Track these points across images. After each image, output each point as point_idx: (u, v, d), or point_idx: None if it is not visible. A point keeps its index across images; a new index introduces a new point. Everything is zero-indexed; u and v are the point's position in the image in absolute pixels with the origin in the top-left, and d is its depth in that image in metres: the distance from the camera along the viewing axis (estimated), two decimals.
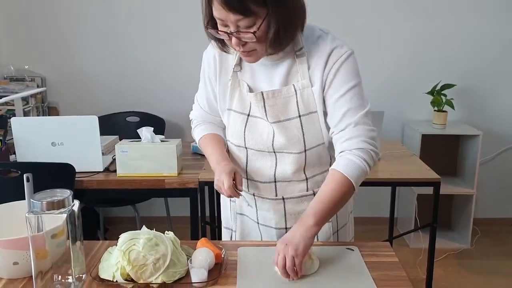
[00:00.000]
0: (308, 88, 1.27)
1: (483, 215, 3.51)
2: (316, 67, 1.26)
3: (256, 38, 1.14)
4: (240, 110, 1.35)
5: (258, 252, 1.30)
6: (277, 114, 1.30)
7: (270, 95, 1.29)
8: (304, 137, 1.31)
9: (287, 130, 1.30)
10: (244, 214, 1.49)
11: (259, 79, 1.33)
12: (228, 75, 1.35)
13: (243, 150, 1.39)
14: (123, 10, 3.28)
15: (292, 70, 1.29)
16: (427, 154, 3.11)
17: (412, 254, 3.14)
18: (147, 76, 3.37)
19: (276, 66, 1.30)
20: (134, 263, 1.11)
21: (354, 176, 1.22)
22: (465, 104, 3.38)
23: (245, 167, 1.41)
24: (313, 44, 1.27)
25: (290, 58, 1.28)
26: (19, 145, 2.21)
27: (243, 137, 1.36)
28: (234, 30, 1.15)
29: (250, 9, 1.10)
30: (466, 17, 3.27)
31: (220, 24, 1.16)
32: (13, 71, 3.28)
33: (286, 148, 1.32)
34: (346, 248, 1.32)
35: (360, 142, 1.24)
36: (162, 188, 2.20)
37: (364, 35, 3.30)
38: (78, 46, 3.35)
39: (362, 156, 1.23)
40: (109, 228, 3.46)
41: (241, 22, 1.12)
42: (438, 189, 2.31)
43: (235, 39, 1.16)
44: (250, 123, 1.34)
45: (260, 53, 1.21)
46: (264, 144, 1.34)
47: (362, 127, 1.25)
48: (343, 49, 1.26)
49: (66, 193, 1.09)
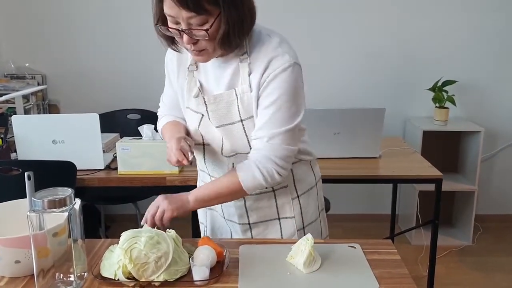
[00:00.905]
0: (248, 93, 1.27)
1: (484, 212, 3.50)
2: (256, 73, 1.25)
3: (208, 36, 1.14)
4: (195, 109, 1.35)
5: (259, 250, 1.30)
6: (219, 119, 1.31)
7: (211, 100, 1.30)
8: (248, 140, 1.32)
9: (231, 133, 1.32)
10: (212, 209, 1.53)
11: (210, 80, 1.33)
12: (185, 74, 1.36)
13: (200, 148, 1.41)
14: (124, 7, 3.27)
15: (236, 75, 1.29)
16: (429, 150, 3.11)
17: (413, 251, 3.14)
18: (148, 74, 3.36)
19: (224, 68, 1.30)
20: (135, 261, 1.11)
21: (250, 187, 1.28)
22: (467, 100, 3.37)
23: (205, 163, 1.44)
24: (256, 49, 1.26)
25: (235, 63, 1.28)
26: (20, 143, 2.21)
27: (200, 135, 1.38)
28: (185, 28, 1.14)
29: (203, 7, 1.10)
30: (467, 13, 3.26)
31: (170, 21, 1.16)
32: (13, 68, 3.27)
33: (235, 150, 1.34)
34: (348, 246, 1.32)
35: (266, 159, 1.26)
36: (163, 186, 2.20)
37: (365, 32, 3.29)
38: (78, 44, 3.34)
39: (263, 173, 1.26)
40: (110, 226, 3.46)
41: (193, 19, 1.12)
42: (440, 186, 2.30)
43: (187, 37, 1.16)
44: (203, 123, 1.35)
45: (210, 52, 1.21)
46: (217, 145, 1.36)
47: (276, 144, 1.25)
48: (283, 58, 1.22)
49: (67, 191, 1.08)
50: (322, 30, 3.28)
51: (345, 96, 3.30)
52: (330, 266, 1.21)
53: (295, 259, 1.21)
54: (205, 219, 1.58)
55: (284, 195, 1.43)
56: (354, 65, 3.30)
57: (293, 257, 1.22)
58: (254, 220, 1.45)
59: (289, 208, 1.44)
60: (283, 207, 1.43)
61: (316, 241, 1.24)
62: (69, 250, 1.10)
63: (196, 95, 1.33)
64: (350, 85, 3.32)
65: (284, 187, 1.42)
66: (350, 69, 3.31)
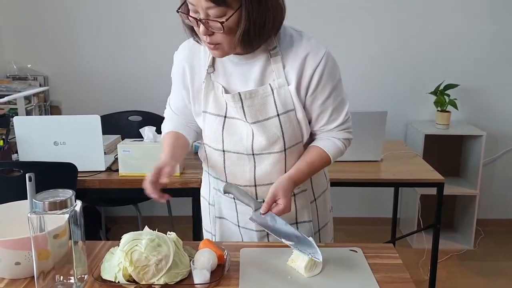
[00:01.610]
0: (285, 86, 1.27)
1: (486, 216, 3.49)
2: (291, 67, 1.26)
3: (223, 29, 1.13)
4: (216, 112, 1.33)
5: (260, 253, 1.30)
6: (255, 114, 1.28)
7: (247, 95, 1.27)
8: (284, 135, 1.30)
9: (266, 129, 1.29)
10: (223, 218, 1.48)
11: (233, 79, 1.31)
12: (202, 77, 1.33)
13: (220, 154, 1.37)
14: (126, 9, 3.28)
15: (267, 69, 1.28)
16: (430, 154, 3.10)
17: (415, 255, 3.13)
18: (150, 76, 3.36)
19: (250, 65, 1.28)
20: (136, 264, 1.11)
21: (335, 155, 1.37)
22: (469, 104, 3.37)
23: (224, 170, 1.39)
24: (286, 43, 1.26)
25: (264, 58, 1.27)
26: (21, 144, 2.21)
27: (221, 139, 1.34)
28: (203, 17, 1.13)
29: None
30: (469, 17, 3.25)
31: (191, 9, 1.15)
32: (15, 69, 3.28)
33: (266, 148, 1.31)
34: (349, 250, 1.31)
35: (345, 133, 1.38)
36: (164, 188, 2.19)
37: (367, 35, 3.29)
38: (80, 45, 3.34)
39: (345, 143, 1.39)
40: (111, 228, 3.46)
41: (211, 10, 1.11)
42: (441, 190, 2.30)
43: (203, 27, 1.15)
44: (227, 125, 1.33)
45: (226, 48, 1.19)
46: (244, 146, 1.32)
47: (347, 123, 1.37)
48: (319, 52, 1.25)
49: (68, 193, 1.08)
50: (323, 34, 3.27)
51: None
52: (331, 270, 1.21)
53: (296, 262, 1.21)
54: (213, 228, 1.51)
55: (303, 198, 1.41)
56: (356, 68, 3.30)
57: (294, 260, 1.21)
58: None
59: (307, 212, 1.42)
60: (301, 211, 1.41)
61: (317, 245, 1.23)
62: (69, 252, 1.10)
63: (224, 93, 1.30)
64: (351, 89, 3.28)
65: (303, 191, 1.41)
66: (352, 72, 3.30)
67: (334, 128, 1.35)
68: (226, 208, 1.46)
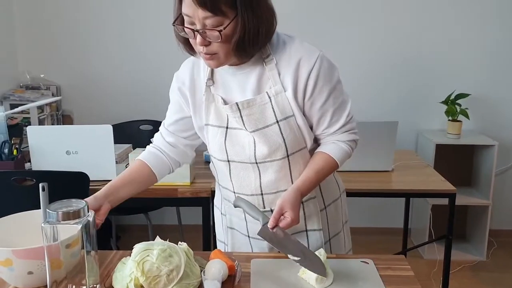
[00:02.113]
0: (282, 93, 1.27)
1: (499, 227, 3.46)
2: (287, 73, 1.26)
3: (221, 38, 1.14)
4: (217, 124, 1.34)
5: (271, 264, 1.29)
6: (255, 123, 1.29)
7: (245, 105, 1.28)
8: (285, 142, 1.30)
9: (267, 137, 1.29)
10: (234, 228, 1.48)
11: (231, 90, 1.32)
12: (202, 91, 1.35)
13: (226, 164, 1.37)
14: (137, 19, 3.32)
15: (263, 78, 1.28)
16: (442, 164, 3.08)
17: (426, 266, 3.10)
18: (160, 85, 3.38)
19: (246, 75, 1.29)
20: (148, 274, 1.11)
21: (341, 160, 1.36)
22: (480, 113, 3.35)
23: (230, 180, 1.40)
24: (280, 50, 1.27)
25: (259, 66, 1.28)
26: (34, 153, 2.23)
27: (224, 150, 1.35)
28: (200, 28, 1.15)
29: (220, 8, 1.11)
30: (481, 27, 3.24)
31: (187, 21, 1.17)
32: (29, 79, 3.32)
33: (268, 156, 1.31)
34: (360, 261, 1.30)
35: (350, 134, 1.37)
36: (175, 197, 2.21)
37: (377, 44, 3.29)
38: (93, 56, 3.38)
39: (351, 145, 1.38)
40: (121, 236, 3.47)
41: (208, 20, 1.13)
42: (453, 200, 2.28)
43: (200, 38, 1.16)
44: (229, 135, 1.33)
45: (222, 58, 1.20)
46: (246, 155, 1.33)
47: (350, 123, 1.36)
48: (312, 56, 1.25)
49: (81, 203, 1.09)
50: (334, 43, 3.28)
51: (358, 109, 3.24)
52: (342, 282, 1.20)
53: (307, 274, 1.20)
54: (226, 238, 1.52)
55: (312, 206, 1.40)
56: (366, 78, 3.30)
57: (305, 272, 1.21)
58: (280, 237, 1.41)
59: (317, 220, 1.41)
60: (310, 218, 1.40)
61: (329, 256, 1.23)
62: (82, 261, 1.10)
63: (223, 104, 1.31)
64: (362, 98, 3.30)
65: (312, 198, 1.40)
66: (363, 82, 3.30)
67: (337, 130, 1.34)
68: (236, 218, 1.46)
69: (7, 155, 2.26)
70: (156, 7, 3.28)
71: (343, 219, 1.53)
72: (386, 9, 3.25)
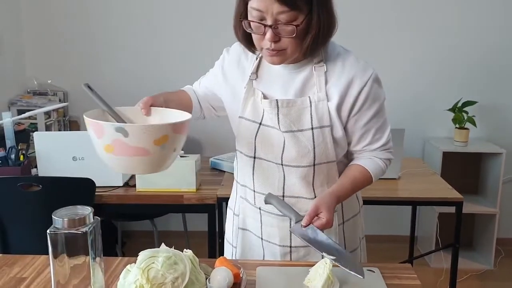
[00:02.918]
0: (324, 101, 1.26)
1: (506, 235, 3.43)
2: (335, 85, 1.26)
3: (296, 33, 1.14)
4: (252, 118, 1.34)
5: (277, 272, 1.29)
6: (289, 124, 1.28)
7: (284, 103, 1.28)
8: (315, 150, 1.29)
9: (298, 140, 1.29)
10: (247, 229, 1.46)
11: (274, 88, 1.31)
12: (244, 81, 1.34)
13: (251, 160, 1.37)
14: (146, 26, 3.33)
15: (309, 82, 1.28)
16: (449, 171, 3.07)
17: (433, 274, 3.08)
18: None
19: (292, 76, 1.29)
20: (152, 282, 1.10)
21: (377, 175, 1.37)
22: (487, 121, 3.33)
23: (252, 178, 1.39)
24: (333, 60, 1.27)
25: (308, 70, 1.27)
26: (40, 159, 2.24)
27: (253, 146, 1.35)
28: (271, 23, 1.14)
29: (296, 2, 1.11)
30: (487, 34, 3.23)
31: (256, 16, 1.15)
32: (36, 85, 3.34)
33: (295, 160, 1.31)
34: (366, 270, 1.29)
35: (386, 153, 1.39)
36: (181, 204, 2.21)
37: (384, 52, 3.28)
38: (99, 62, 3.40)
39: (386, 163, 1.39)
40: (126, 242, 3.47)
41: (283, 15, 1.12)
42: (460, 209, 2.26)
43: (271, 33, 1.15)
44: (261, 132, 1.33)
45: (289, 54, 1.20)
46: (274, 155, 1.33)
47: (390, 143, 1.38)
48: (366, 73, 1.26)
49: (87, 210, 1.09)
50: None
51: None
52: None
53: (312, 282, 1.19)
54: (235, 240, 1.49)
55: None
56: None
57: (311, 280, 1.20)
58: (296, 243, 1.37)
59: (334, 234, 1.38)
60: (328, 232, 1.36)
61: (335, 264, 1.22)
62: (87, 268, 1.10)
63: (262, 99, 1.31)
64: None
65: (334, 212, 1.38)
66: None
67: (377, 148, 1.35)
68: (250, 219, 1.44)
69: (14, 161, 2.27)
70: (164, 14, 3.29)
71: (361, 235, 1.51)
72: (389, 16, 3.25)
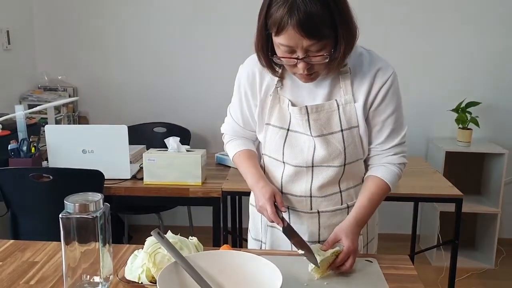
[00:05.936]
0: (351, 103, 1.30)
1: (508, 235, 3.45)
2: (360, 85, 1.30)
3: (328, 60, 1.18)
4: (279, 124, 1.36)
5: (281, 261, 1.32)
6: (320, 128, 1.32)
7: (314, 109, 1.31)
8: (345, 151, 1.33)
9: (329, 143, 1.32)
10: (275, 227, 1.46)
11: (301, 94, 1.34)
12: (269, 91, 1.37)
13: (280, 165, 1.40)
14: (155, 25, 3.38)
15: (336, 86, 1.32)
16: (451, 171, 3.10)
17: (434, 272, 3.11)
18: (174, 89, 3.45)
19: (319, 81, 1.32)
20: (159, 266, 1.15)
21: (394, 183, 1.37)
22: (491, 122, 3.35)
23: (280, 181, 1.41)
24: (355, 61, 1.30)
25: (334, 74, 1.31)
26: (51, 151, 2.30)
27: (281, 152, 1.37)
28: (303, 56, 1.17)
29: (324, 33, 1.14)
30: (492, 35, 3.26)
31: (285, 50, 1.18)
32: (46, 81, 3.40)
33: (326, 161, 1.34)
34: (364, 260, 1.33)
35: (401, 157, 1.39)
36: (187, 197, 2.26)
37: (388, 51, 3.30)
38: (109, 59, 3.46)
39: (401, 168, 1.39)
40: (133, 236, 3.52)
41: (313, 46, 1.15)
42: (460, 205, 2.29)
43: (303, 64, 1.18)
44: (289, 138, 1.36)
45: (319, 73, 1.25)
46: (304, 158, 1.35)
47: (403, 145, 1.39)
48: (388, 70, 1.31)
49: (97, 196, 1.14)
50: None
51: None
52: (345, 279, 1.23)
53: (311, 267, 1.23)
54: (264, 236, 1.49)
55: None
56: None
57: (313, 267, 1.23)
58: (324, 237, 1.39)
59: None
60: None
61: None
62: (96, 252, 1.15)
63: (290, 106, 1.33)
64: None
65: None
66: None
67: (389, 148, 1.36)
68: None
69: (26, 153, 2.33)
70: (173, 14, 3.35)
71: (376, 221, 1.54)
72: (394, 15, 3.28)
